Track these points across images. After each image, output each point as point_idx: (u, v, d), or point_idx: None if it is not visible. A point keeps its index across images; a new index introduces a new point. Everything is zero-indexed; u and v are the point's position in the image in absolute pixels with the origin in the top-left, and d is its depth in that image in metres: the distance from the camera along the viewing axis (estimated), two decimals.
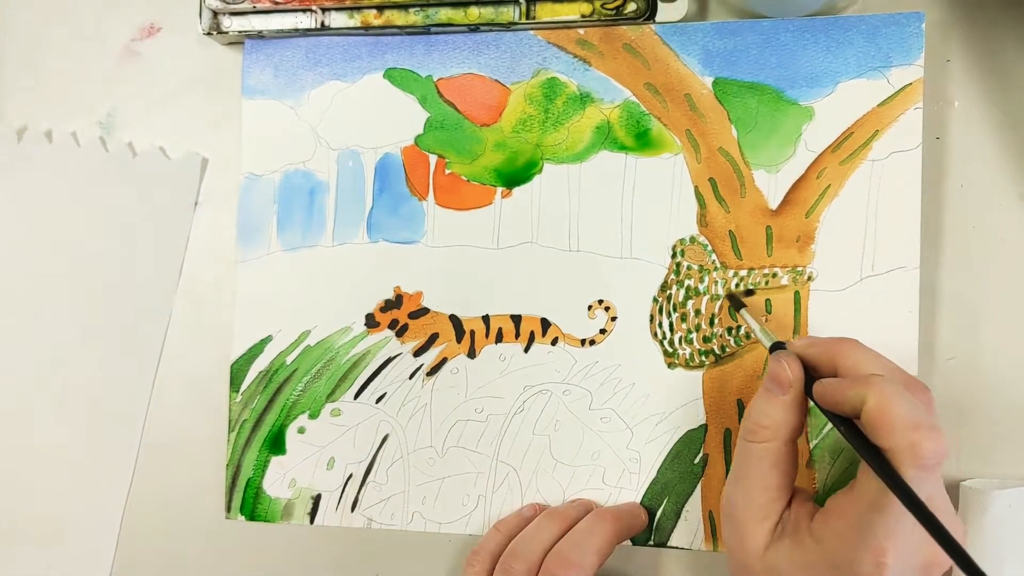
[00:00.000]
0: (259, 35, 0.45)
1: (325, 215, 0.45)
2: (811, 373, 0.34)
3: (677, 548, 0.42)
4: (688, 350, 0.42)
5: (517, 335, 0.43)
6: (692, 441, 0.42)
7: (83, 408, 0.46)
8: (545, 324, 0.43)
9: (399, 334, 0.44)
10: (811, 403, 0.34)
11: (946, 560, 0.31)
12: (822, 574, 0.32)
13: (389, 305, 0.44)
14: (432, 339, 0.44)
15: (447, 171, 0.44)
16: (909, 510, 0.28)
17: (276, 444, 0.45)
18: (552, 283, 0.43)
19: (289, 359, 0.45)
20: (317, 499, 0.44)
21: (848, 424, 0.32)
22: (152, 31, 0.47)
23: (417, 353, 0.44)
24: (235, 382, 0.45)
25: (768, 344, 0.37)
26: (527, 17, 0.43)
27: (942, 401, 0.40)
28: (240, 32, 0.45)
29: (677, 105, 0.42)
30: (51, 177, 0.47)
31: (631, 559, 0.43)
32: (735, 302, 0.41)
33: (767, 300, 0.41)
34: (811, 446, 0.40)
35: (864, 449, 0.30)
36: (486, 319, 0.43)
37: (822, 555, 0.32)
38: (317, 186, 0.45)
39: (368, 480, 0.44)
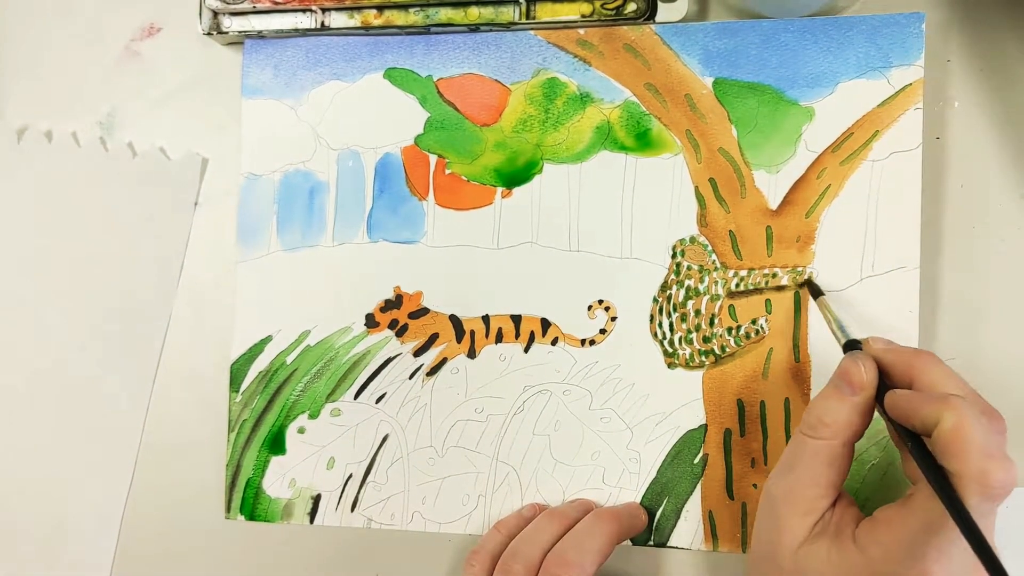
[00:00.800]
0: (259, 35, 0.45)
1: (325, 215, 0.45)
2: (883, 379, 0.33)
3: (677, 548, 0.42)
4: (688, 350, 0.42)
5: (517, 335, 0.43)
6: (692, 441, 0.42)
7: (83, 408, 0.46)
8: (545, 324, 0.43)
9: (399, 334, 0.44)
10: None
11: None
12: None
13: (389, 305, 0.44)
14: (432, 339, 0.44)
15: (447, 171, 0.44)
16: (967, 539, 0.27)
17: (276, 444, 0.45)
18: (552, 283, 0.43)
19: (289, 359, 0.45)
20: (317, 499, 0.44)
21: (916, 440, 0.31)
22: (152, 31, 0.47)
23: (417, 353, 0.44)
24: (235, 382, 0.45)
25: (843, 340, 0.36)
26: (527, 17, 0.43)
27: None
28: (240, 32, 0.45)
29: (677, 105, 0.42)
30: (51, 177, 0.47)
31: (631, 559, 0.43)
32: (814, 290, 0.40)
33: (767, 300, 0.41)
34: None
35: (930, 469, 0.30)
36: (486, 319, 0.43)
37: (864, 564, 0.31)
38: (317, 186, 0.45)
39: (368, 480, 0.44)
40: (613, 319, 0.43)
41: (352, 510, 0.44)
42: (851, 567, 0.31)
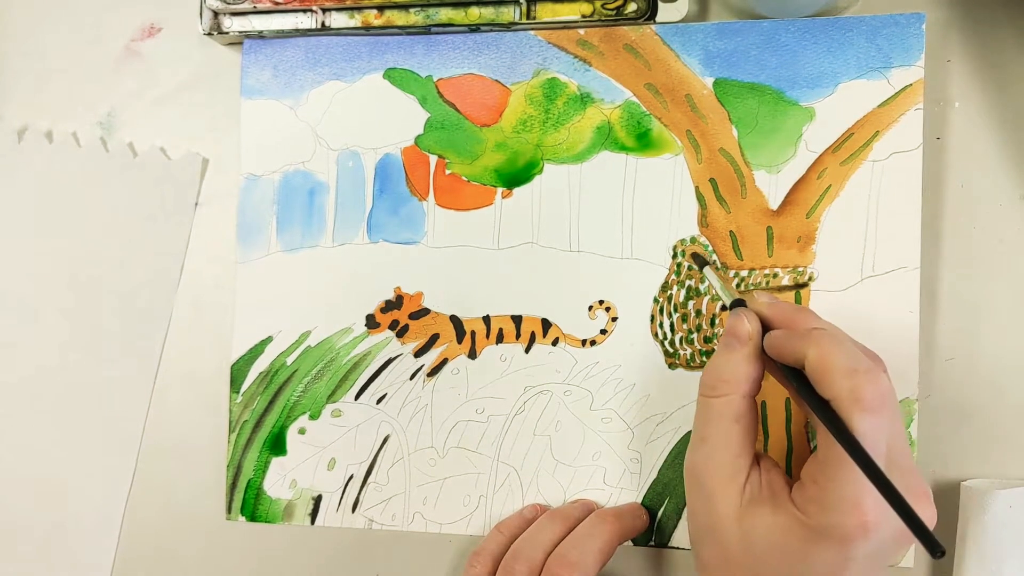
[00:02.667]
0: (259, 35, 0.45)
1: (325, 215, 0.45)
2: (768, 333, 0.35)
3: (678, 548, 0.42)
4: (689, 350, 0.42)
5: (518, 336, 0.43)
6: None
7: (83, 408, 0.46)
8: (546, 324, 0.43)
9: (400, 335, 0.44)
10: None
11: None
12: (810, 542, 0.31)
13: (390, 306, 0.44)
14: (433, 340, 0.44)
15: (447, 171, 0.44)
16: (852, 457, 0.28)
17: (277, 445, 0.44)
18: (553, 283, 0.43)
19: (289, 360, 0.45)
20: (318, 500, 0.44)
21: (801, 377, 0.32)
22: (152, 31, 0.47)
23: (418, 354, 0.44)
24: (235, 383, 0.45)
25: (729, 301, 0.36)
26: (527, 17, 0.43)
27: (942, 401, 0.40)
28: (240, 32, 0.45)
29: (678, 105, 0.42)
30: (51, 177, 0.47)
31: (632, 560, 0.43)
32: (699, 260, 0.40)
33: None
34: (811, 446, 0.40)
35: (813, 401, 0.31)
36: (487, 320, 0.43)
37: (806, 524, 0.31)
38: (317, 186, 0.45)
39: (369, 481, 0.44)
40: (614, 319, 0.43)
41: (353, 511, 0.44)
42: (796, 529, 0.32)
